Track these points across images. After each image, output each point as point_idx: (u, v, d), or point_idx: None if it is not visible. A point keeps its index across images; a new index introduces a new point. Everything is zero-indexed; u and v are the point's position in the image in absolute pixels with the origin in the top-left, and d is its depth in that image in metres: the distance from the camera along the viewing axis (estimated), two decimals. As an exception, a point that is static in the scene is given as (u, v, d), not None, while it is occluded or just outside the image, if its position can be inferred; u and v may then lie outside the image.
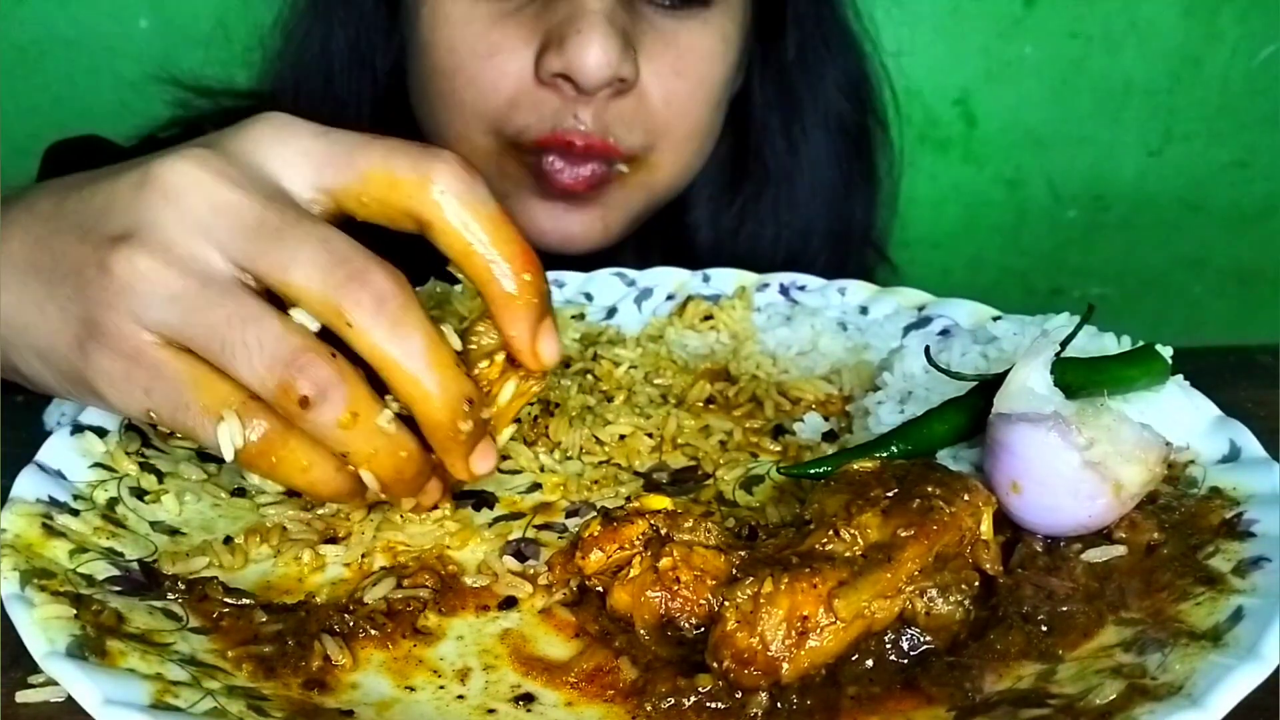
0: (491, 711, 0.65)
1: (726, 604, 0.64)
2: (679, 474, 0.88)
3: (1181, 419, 0.81)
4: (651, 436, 0.92)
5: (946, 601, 0.66)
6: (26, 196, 0.76)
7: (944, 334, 1.02)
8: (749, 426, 0.94)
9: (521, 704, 0.65)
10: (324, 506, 0.80)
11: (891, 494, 0.68)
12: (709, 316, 1.09)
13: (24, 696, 0.65)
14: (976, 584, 0.67)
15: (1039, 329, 0.88)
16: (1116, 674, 0.61)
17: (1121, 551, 0.71)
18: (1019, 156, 2.28)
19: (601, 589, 0.72)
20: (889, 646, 0.66)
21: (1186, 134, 2.27)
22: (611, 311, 1.12)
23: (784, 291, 1.12)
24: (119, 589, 0.71)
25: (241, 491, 0.83)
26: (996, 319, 1.01)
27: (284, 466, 0.69)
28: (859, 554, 0.66)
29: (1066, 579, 0.69)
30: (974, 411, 0.78)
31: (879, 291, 1.10)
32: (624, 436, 0.91)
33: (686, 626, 0.68)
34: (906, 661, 0.65)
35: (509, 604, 0.73)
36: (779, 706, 0.62)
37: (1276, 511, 0.72)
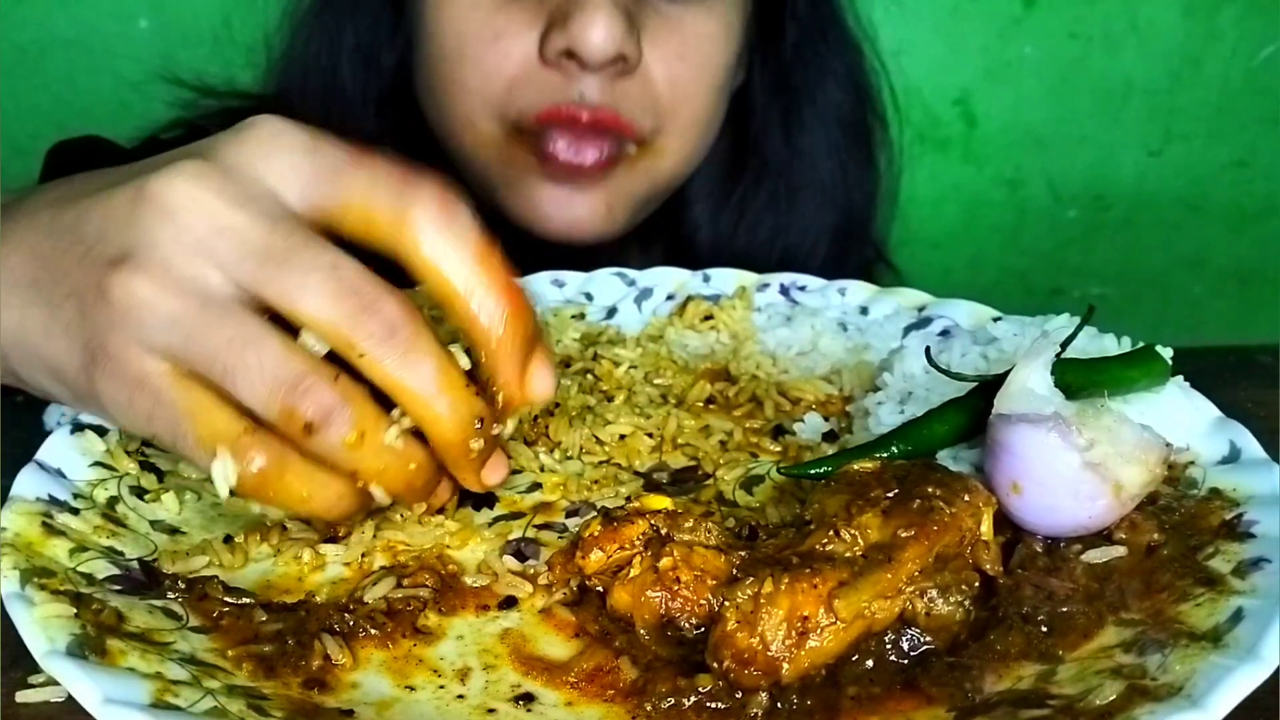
0: (491, 711, 0.65)
1: (727, 604, 0.64)
2: (679, 474, 0.88)
3: (1182, 420, 0.81)
4: (651, 436, 0.92)
5: (947, 602, 0.66)
6: (25, 205, 0.74)
7: (944, 334, 1.02)
8: (749, 426, 0.94)
9: (521, 704, 0.65)
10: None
11: (892, 494, 0.68)
12: (709, 316, 1.09)
13: (24, 696, 0.65)
14: (977, 584, 0.67)
15: (1039, 330, 0.88)
16: (1117, 675, 0.61)
17: (1121, 552, 0.71)
18: (1019, 156, 2.28)
19: (601, 589, 0.72)
20: (889, 647, 0.66)
21: (1186, 134, 2.27)
22: (611, 311, 1.12)
23: (784, 292, 1.12)
24: (119, 588, 0.71)
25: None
26: (996, 320, 1.01)
27: (284, 496, 0.68)
28: (859, 554, 0.66)
29: (1066, 580, 0.69)
30: (974, 412, 0.78)
31: (879, 292, 1.10)
32: (624, 436, 0.91)
33: (687, 626, 0.68)
34: (907, 662, 0.65)
35: (509, 604, 0.73)
36: (779, 707, 0.62)
37: (1276, 512, 0.72)
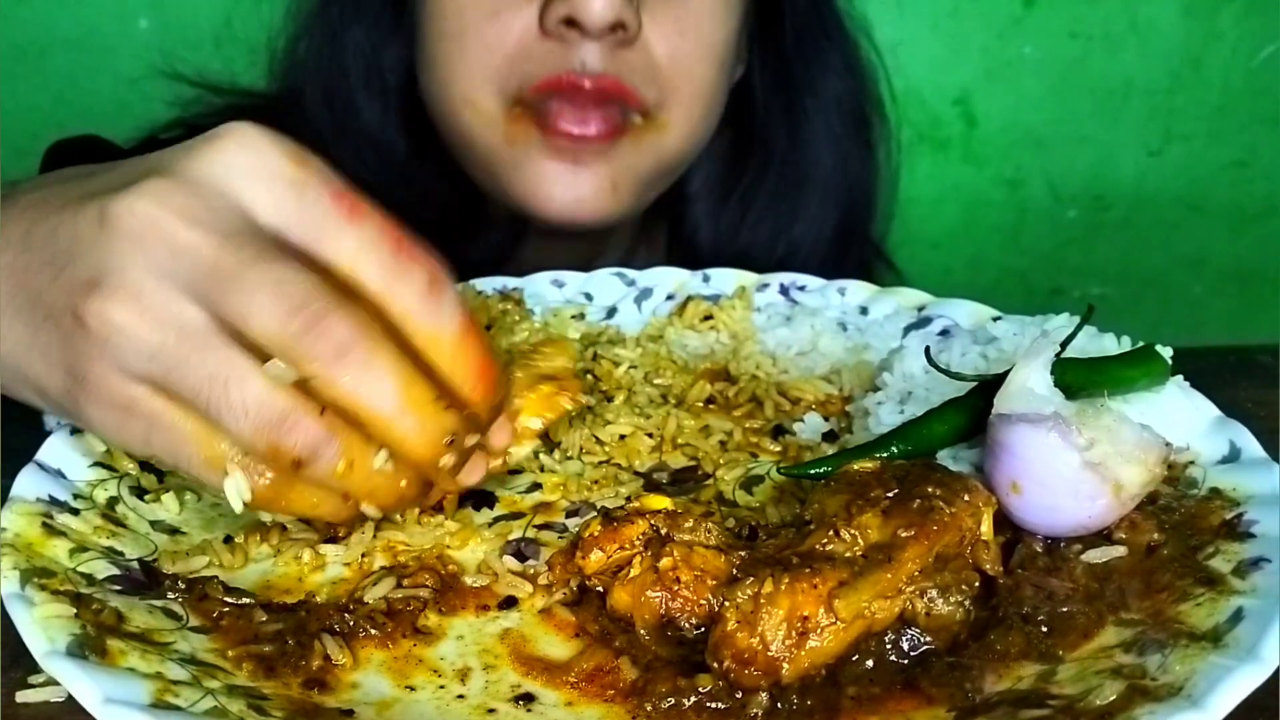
0: (491, 711, 0.65)
1: (727, 604, 0.64)
2: (679, 474, 0.88)
3: (1181, 420, 0.81)
4: (651, 436, 0.92)
5: (947, 602, 0.66)
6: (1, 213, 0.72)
7: (944, 334, 1.02)
8: (749, 426, 0.94)
9: (521, 704, 0.65)
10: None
11: (892, 494, 0.68)
12: (709, 316, 1.09)
13: (24, 696, 0.65)
14: (977, 584, 0.67)
15: (1039, 329, 0.88)
16: (1117, 675, 0.61)
17: (1121, 552, 0.71)
18: (1019, 156, 2.28)
19: (601, 589, 0.72)
20: (889, 647, 0.66)
21: (1186, 134, 2.27)
22: (611, 311, 1.12)
23: (784, 291, 1.12)
24: (119, 588, 0.71)
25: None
26: (996, 319, 1.01)
27: (295, 505, 0.69)
28: (859, 554, 0.66)
29: (1066, 580, 0.69)
30: (974, 412, 0.78)
31: (879, 292, 1.10)
32: (624, 436, 0.91)
33: (687, 626, 0.68)
34: (907, 662, 0.65)
35: (509, 604, 0.73)
36: (779, 707, 0.62)
37: (1276, 512, 0.72)
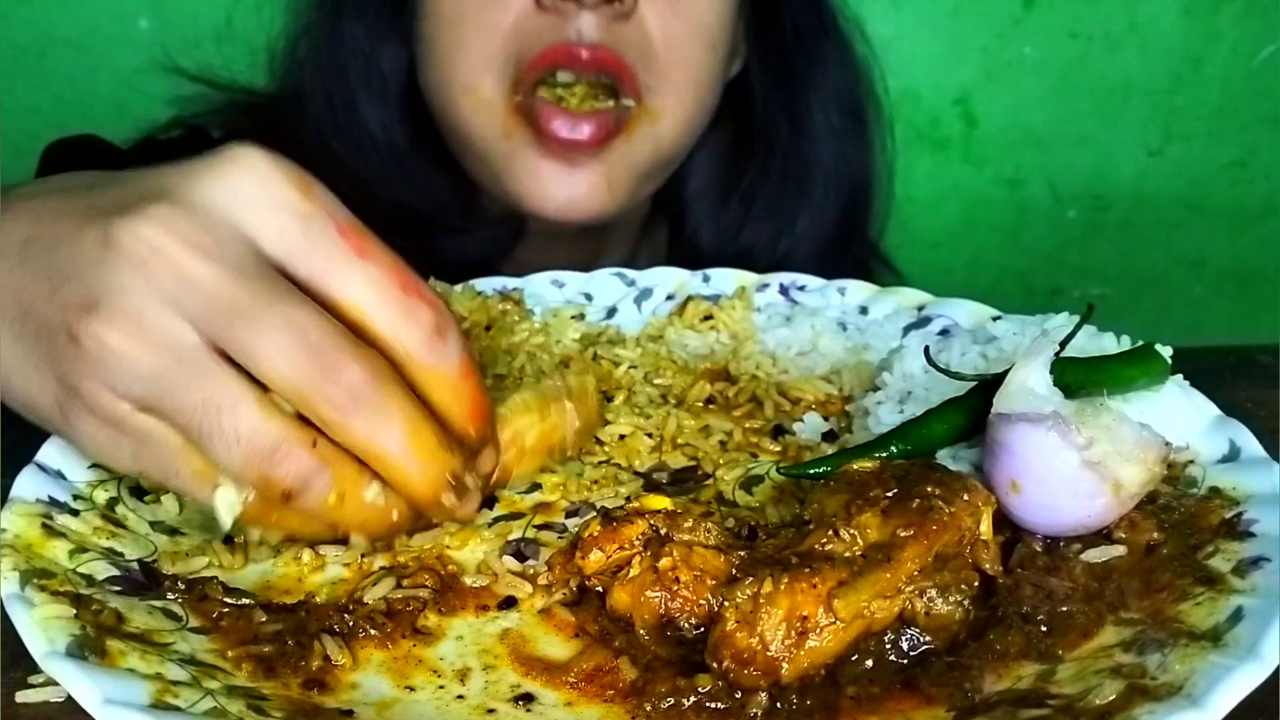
0: (491, 711, 0.65)
1: (726, 604, 0.64)
2: (679, 474, 0.88)
3: (1181, 419, 0.81)
4: (651, 436, 0.92)
5: (946, 601, 0.66)
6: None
7: (944, 334, 1.02)
8: (749, 426, 0.94)
9: (521, 704, 0.65)
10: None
11: (891, 494, 0.68)
12: (709, 316, 1.09)
13: (24, 696, 0.65)
14: (976, 584, 0.67)
15: (1038, 329, 0.88)
16: (1116, 674, 0.61)
17: (1121, 551, 0.71)
18: (1019, 156, 2.28)
19: (601, 589, 0.72)
20: (889, 646, 0.66)
21: (1186, 134, 2.27)
22: (611, 311, 1.12)
23: (784, 291, 1.12)
24: (119, 589, 0.71)
25: (241, 491, 0.83)
26: (996, 319, 1.01)
27: (285, 522, 0.69)
28: (859, 554, 0.66)
29: (1066, 579, 0.69)
30: (973, 411, 0.78)
31: (879, 291, 1.10)
32: (624, 436, 0.91)
33: (686, 626, 0.68)
34: (906, 662, 0.65)
35: (509, 604, 0.73)
36: (779, 706, 0.62)
37: (1276, 511, 0.72)
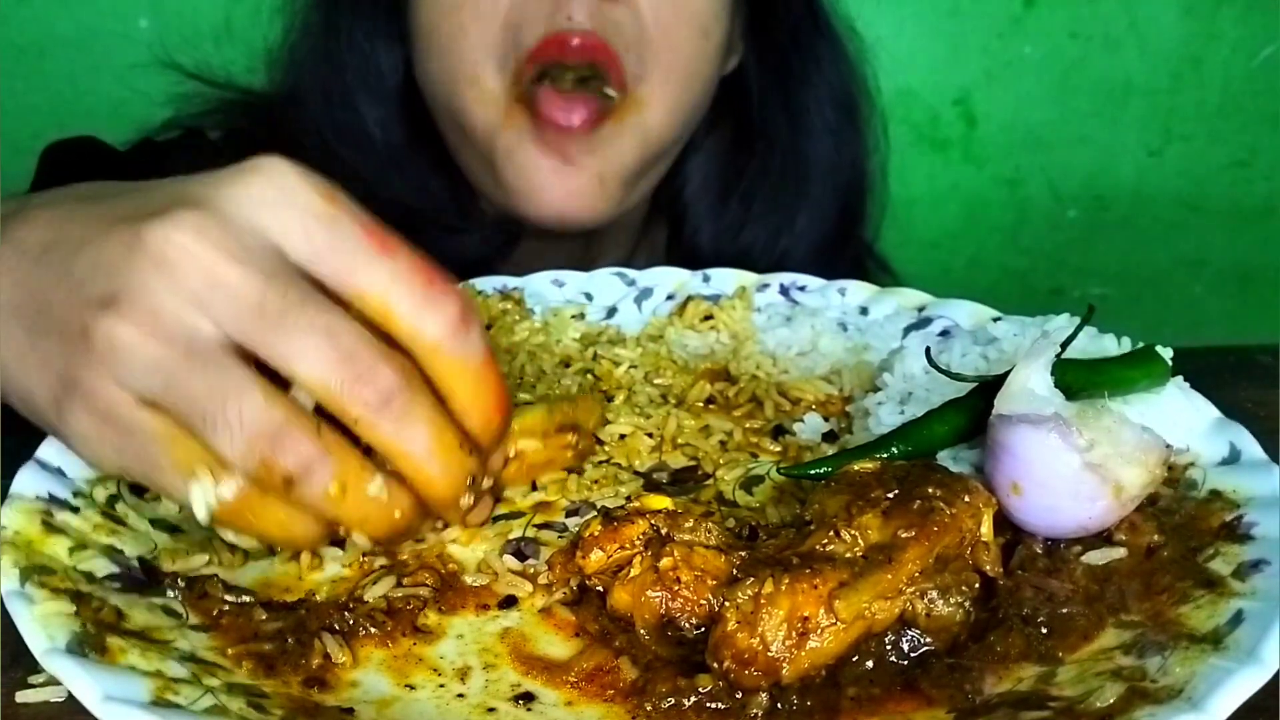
0: (491, 710, 0.65)
1: (727, 604, 0.64)
2: (679, 474, 0.88)
3: (1182, 421, 0.81)
4: (651, 436, 0.92)
5: (947, 603, 0.66)
6: (15, 226, 0.72)
7: (944, 335, 1.02)
8: (749, 426, 0.94)
9: (521, 703, 0.65)
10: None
11: (892, 495, 0.68)
12: (709, 316, 1.09)
13: (24, 696, 0.65)
14: (977, 585, 0.67)
15: (1039, 330, 0.88)
16: (1117, 676, 0.61)
17: (1121, 554, 0.71)
18: (1019, 156, 2.28)
19: (602, 589, 0.72)
20: (889, 648, 0.66)
21: (1186, 134, 2.28)
22: (611, 311, 1.12)
23: (784, 292, 1.12)
24: (119, 586, 0.71)
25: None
26: (996, 320, 1.01)
27: (262, 523, 0.68)
28: (859, 555, 0.66)
29: (1066, 581, 0.69)
30: (974, 413, 0.78)
31: (879, 292, 1.10)
32: (624, 436, 0.91)
33: (687, 626, 0.68)
34: (906, 663, 0.65)
35: (509, 603, 0.73)
36: (779, 707, 0.62)
37: (1276, 514, 0.72)
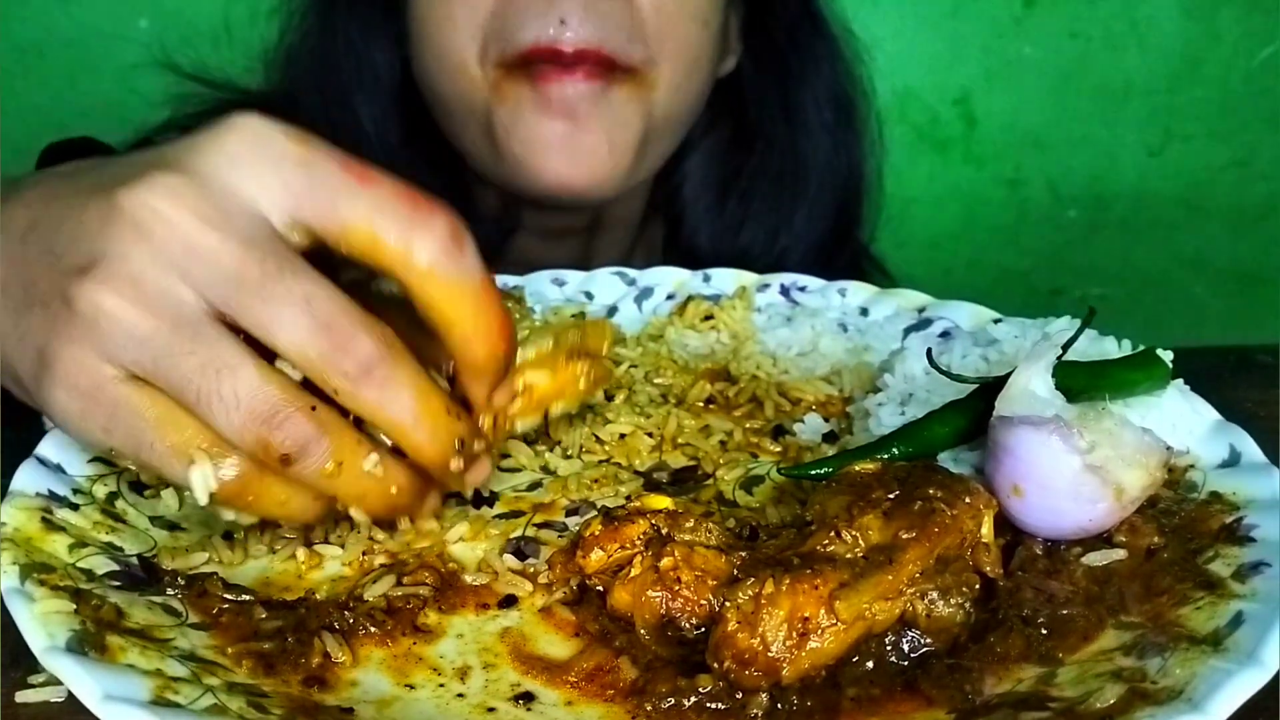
0: (491, 710, 0.65)
1: (727, 604, 0.64)
2: (679, 474, 0.88)
3: (1182, 423, 0.81)
4: (652, 436, 0.92)
5: (947, 604, 0.66)
6: (3, 209, 0.72)
7: (945, 336, 1.02)
8: (749, 427, 0.94)
9: (521, 703, 0.65)
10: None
11: (893, 496, 0.68)
12: (709, 316, 1.09)
13: (24, 696, 0.65)
14: (977, 586, 0.67)
15: (1040, 332, 0.88)
16: (1117, 678, 0.61)
17: (1122, 555, 0.71)
18: (1019, 156, 2.28)
19: (602, 588, 0.72)
20: (889, 648, 0.66)
21: (1186, 134, 2.28)
22: (612, 310, 1.12)
23: (784, 292, 1.12)
24: (119, 584, 0.71)
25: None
26: (997, 321, 1.01)
27: (261, 502, 0.68)
28: (860, 555, 0.66)
29: (1067, 582, 0.69)
30: (975, 414, 0.78)
31: (879, 293, 1.10)
32: (624, 436, 0.91)
33: (687, 626, 0.68)
34: (907, 663, 0.65)
35: (509, 602, 0.73)
36: (779, 707, 0.62)
37: (1276, 516, 0.72)
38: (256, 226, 0.65)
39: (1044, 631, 0.66)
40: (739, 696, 0.63)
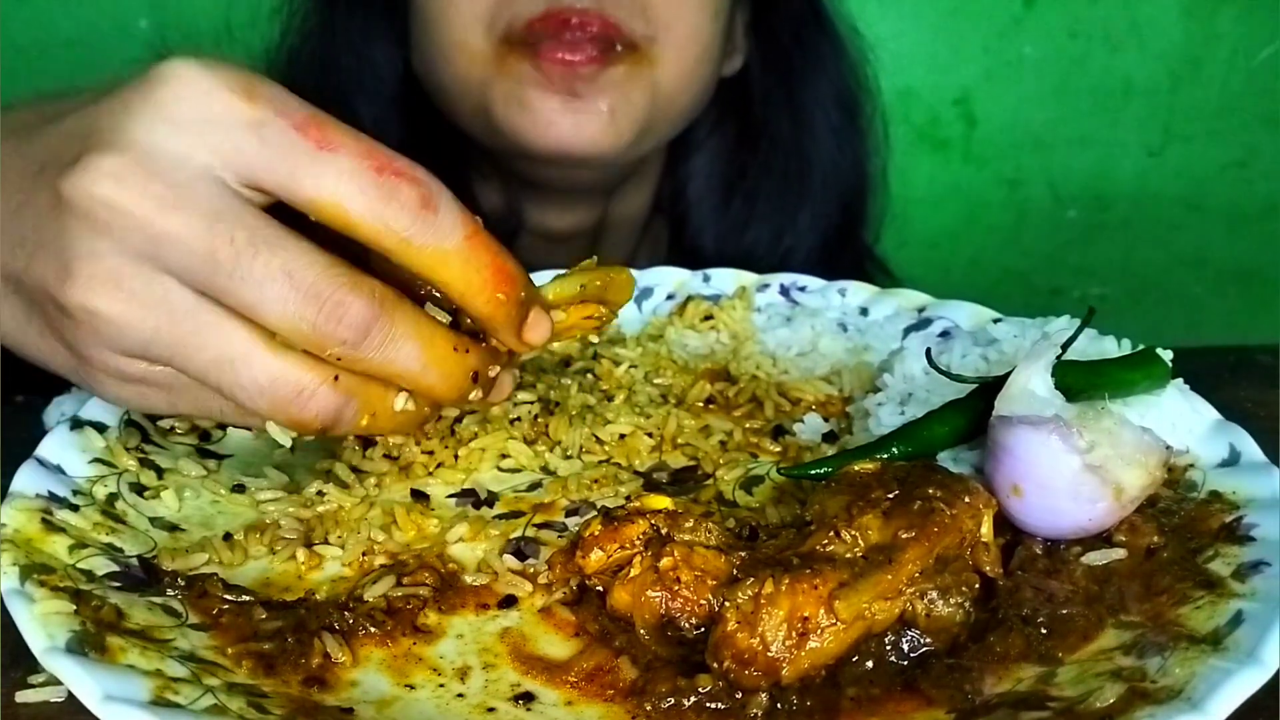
0: (491, 710, 0.65)
1: (727, 604, 0.64)
2: (679, 474, 0.88)
3: (1182, 423, 0.81)
4: (651, 436, 0.91)
5: (947, 603, 0.66)
6: None
7: (944, 336, 1.02)
8: (749, 427, 0.94)
9: (521, 703, 0.65)
10: (324, 504, 0.80)
11: (892, 496, 0.68)
12: (709, 316, 1.09)
13: (24, 696, 0.65)
14: (977, 586, 0.67)
15: (1039, 331, 0.88)
16: (1116, 677, 0.61)
17: (1121, 555, 0.71)
18: (1019, 156, 2.28)
19: (601, 588, 0.72)
20: (889, 648, 0.66)
21: (1186, 134, 2.28)
22: (611, 310, 1.12)
23: (784, 292, 1.12)
24: (119, 585, 0.71)
25: (241, 488, 0.82)
26: (997, 321, 1.01)
27: (342, 428, 0.70)
28: (860, 555, 0.66)
29: (1066, 582, 0.69)
30: (975, 414, 0.78)
31: (879, 293, 1.10)
32: (624, 436, 0.91)
33: (687, 626, 0.68)
34: (906, 663, 0.65)
35: (509, 603, 0.73)
36: (779, 707, 0.62)
37: (1276, 516, 0.72)
38: (214, 195, 0.62)
39: (1044, 631, 0.66)
40: (739, 696, 0.63)
